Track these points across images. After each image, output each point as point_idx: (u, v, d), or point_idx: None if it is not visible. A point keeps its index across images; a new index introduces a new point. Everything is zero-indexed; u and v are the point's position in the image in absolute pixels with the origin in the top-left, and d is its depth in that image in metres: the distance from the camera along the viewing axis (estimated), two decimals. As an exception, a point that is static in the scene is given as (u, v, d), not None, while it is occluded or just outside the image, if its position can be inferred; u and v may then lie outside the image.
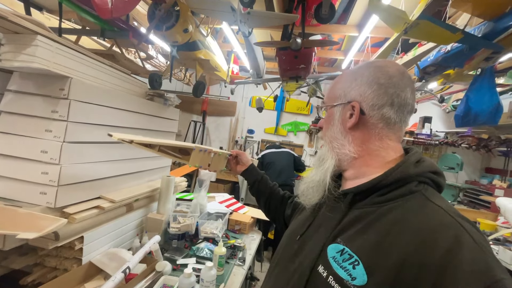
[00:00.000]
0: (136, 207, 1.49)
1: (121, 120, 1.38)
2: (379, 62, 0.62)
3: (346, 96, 0.62)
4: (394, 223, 0.49)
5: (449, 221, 0.46)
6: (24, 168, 1.06)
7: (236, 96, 4.63)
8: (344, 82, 0.64)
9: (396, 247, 0.46)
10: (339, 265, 0.51)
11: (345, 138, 0.61)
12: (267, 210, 1.11)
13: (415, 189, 0.52)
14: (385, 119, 0.58)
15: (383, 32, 2.42)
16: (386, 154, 0.58)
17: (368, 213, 0.53)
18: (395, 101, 0.57)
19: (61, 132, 1.06)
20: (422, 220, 0.47)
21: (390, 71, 0.58)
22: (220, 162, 1.17)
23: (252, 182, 1.14)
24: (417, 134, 3.96)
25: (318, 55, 3.49)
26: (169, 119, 1.86)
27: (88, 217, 1.14)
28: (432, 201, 0.50)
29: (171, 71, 1.89)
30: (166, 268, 1.25)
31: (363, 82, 0.59)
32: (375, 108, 0.58)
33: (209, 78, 3.02)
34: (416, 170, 0.54)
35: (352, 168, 0.61)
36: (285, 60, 2.04)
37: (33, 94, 1.09)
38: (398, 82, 0.57)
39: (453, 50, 1.78)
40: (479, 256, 0.42)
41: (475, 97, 1.98)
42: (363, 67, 0.63)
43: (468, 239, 0.43)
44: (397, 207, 0.51)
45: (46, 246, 0.99)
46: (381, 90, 0.57)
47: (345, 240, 0.53)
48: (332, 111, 0.65)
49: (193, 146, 1.03)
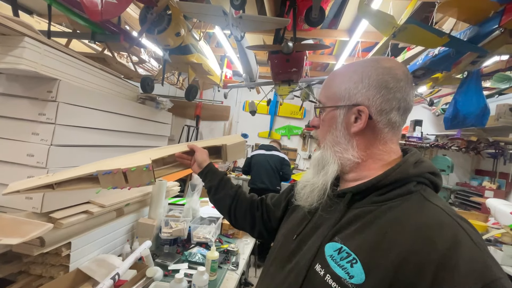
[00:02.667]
0: (127, 212, 1.46)
1: (112, 123, 1.36)
2: (386, 61, 0.59)
3: (351, 99, 0.58)
4: (392, 222, 0.49)
5: (448, 220, 0.46)
6: (9, 172, 1.04)
7: (229, 100, 4.65)
8: (347, 81, 0.59)
9: (395, 245, 0.46)
10: (337, 264, 0.50)
11: (349, 143, 0.59)
12: (233, 219, 0.93)
13: (414, 189, 0.52)
14: (391, 124, 0.57)
15: (373, 37, 2.47)
16: (388, 158, 0.58)
17: (366, 212, 0.53)
18: (402, 106, 0.56)
19: (49, 135, 1.04)
20: (421, 219, 0.47)
21: (398, 74, 0.56)
22: (140, 177, 0.94)
23: (208, 188, 0.96)
24: (409, 137, 4.02)
25: (310, 59, 3.54)
26: (161, 123, 1.85)
27: (76, 222, 1.11)
28: (430, 201, 0.50)
29: (163, 75, 1.89)
30: (157, 274, 1.22)
31: (371, 85, 0.56)
32: (383, 114, 0.56)
33: (202, 83, 3.02)
34: (415, 170, 0.54)
35: (354, 172, 0.60)
36: (277, 64, 2.06)
37: (19, 97, 1.07)
38: (405, 86, 0.56)
39: (440, 53, 1.83)
40: (477, 255, 0.42)
41: (463, 100, 2.03)
42: (368, 65, 0.58)
43: (466, 238, 0.44)
44: (396, 206, 0.51)
45: (31, 253, 0.95)
46: (390, 94, 0.55)
47: (343, 239, 0.53)
48: (334, 114, 0.61)
49: (94, 172, 0.87)
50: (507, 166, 3.51)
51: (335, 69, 0.73)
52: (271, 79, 2.48)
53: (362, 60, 0.62)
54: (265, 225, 0.87)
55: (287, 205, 0.81)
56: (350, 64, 0.63)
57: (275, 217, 0.83)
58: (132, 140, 1.54)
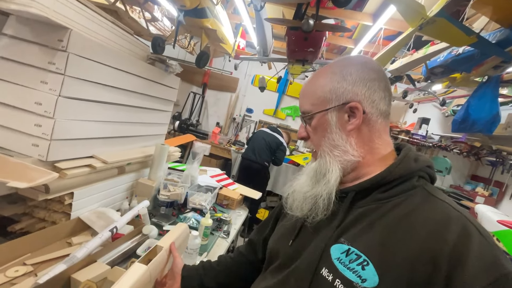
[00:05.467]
0: (128, 171, 1.50)
1: (120, 81, 1.34)
2: (358, 58, 0.62)
3: (340, 98, 0.57)
4: (400, 219, 0.48)
5: (456, 214, 0.46)
6: (17, 118, 1.04)
7: (239, 72, 4.53)
8: (330, 83, 0.59)
9: (406, 244, 0.45)
10: (346, 267, 0.48)
11: (347, 143, 0.57)
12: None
13: (417, 184, 0.52)
14: (383, 114, 0.58)
15: (398, 25, 2.35)
16: (384, 151, 0.58)
17: (371, 210, 0.52)
18: (386, 94, 0.58)
19: (57, 85, 1.03)
20: (429, 215, 0.47)
21: (375, 66, 0.59)
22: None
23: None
24: (413, 134, 4.00)
25: (328, 41, 3.39)
26: (168, 87, 1.82)
27: (79, 175, 1.14)
28: (435, 195, 0.50)
29: (175, 37, 1.82)
30: (152, 232, 1.28)
31: (355, 80, 0.57)
32: (374, 105, 0.57)
33: (213, 50, 2.93)
34: (417, 165, 0.54)
35: (354, 171, 0.58)
36: (294, 41, 1.98)
37: (29, 42, 1.04)
38: (384, 74, 0.59)
39: (464, 53, 1.75)
40: (486, 249, 0.42)
41: (476, 104, 1.98)
42: (344, 64, 0.60)
43: (475, 231, 0.44)
44: (401, 203, 0.50)
45: (36, 198, 1.00)
46: (375, 85, 0.57)
47: (349, 240, 0.50)
48: (325, 118, 0.59)
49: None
50: (504, 175, 3.54)
51: (308, 78, 0.69)
52: (285, 56, 2.40)
53: (333, 62, 0.63)
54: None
55: (276, 220, 0.78)
56: (323, 68, 0.63)
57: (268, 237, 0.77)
58: (139, 101, 1.53)
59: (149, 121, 1.72)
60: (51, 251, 1.02)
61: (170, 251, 0.84)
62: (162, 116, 1.89)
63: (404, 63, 2.27)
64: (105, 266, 0.96)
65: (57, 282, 0.86)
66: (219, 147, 4.51)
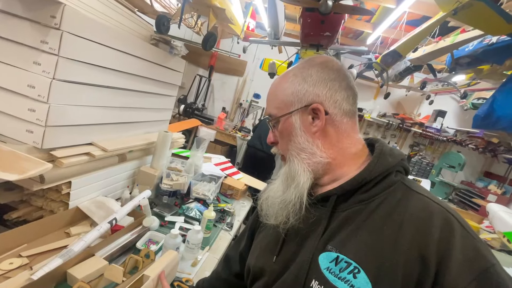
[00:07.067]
0: (130, 158, 1.44)
1: (120, 63, 1.25)
2: (317, 58, 0.61)
3: (302, 100, 0.57)
4: (385, 219, 0.48)
5: (437, 209, 0.47)
6: (9, 101, 0.97)
7: (247, 55, 4.35)
8: (291, 86, 0.59)
9: (394, 245, 0.45)
10: (337, 277, 0.46)
11: (313, 145, 0.57)
12: None
13: (395, 179, 0.52)
14: (347, 113, 0.57)
15: (425, 9, 2.14)
16: (355, 149, 0.58)
17: (356, 212, 0.51)
18: (349, 93, 0.58)
19: (51, 67, 0.94)
20: (412, 212, 0.47)
21: (335, 66, 0.58)
22: None
23: None
24: (427, 127, 3.84)
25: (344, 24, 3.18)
26: (173, 70, 1.72)
27: (77, 163, 1.08)
28: (414, 189, 0.51)
29: (181, 16, 1.69)
30: (153, 223, 1.24)
31: (315, 81, 0.57)
32: (336, 105, 0.56)
33: (221, 30, 2.77)
34: (393, 160, 0.54)
35: (328, 174, 0.58)
36: (309, 24, 1.82)
37: (20, 17, 0.95)
38: (345, 73, 0.58)
39: (498, 43, 1.59)
40: (468, 242, 0.43)
41: (502, 99, 1.83)
42: (304, 66, 0.59)
43: (457, 225, 0.45)
44: (384, 202, 0.50)
45: (31, 187, 0.95)
46: (336, 85, 0.56)
47: (337, 246, 0.49)
48: (290, 121, 0.59)
49: None
50: (520, 174, 3.39)
51: (272, 82, 0.66)
52: (298, 40, 2.24)
53: (294, 66, 0.63)
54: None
55: (253, 232, 0.74)
56: (284, 73, 0.63)
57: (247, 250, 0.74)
58: (141, 85, 1.44)
59: (152, 106, 1.64)
60: (49, 242, 0.98)
61: (158, 280, 0.81)
62: (166, 101, 1.80)
63: (427, 51, 2.09)
64: (103, 261, 0.92)
65: (53, 278, 0.83)
66: (224, 133, 4.43)
